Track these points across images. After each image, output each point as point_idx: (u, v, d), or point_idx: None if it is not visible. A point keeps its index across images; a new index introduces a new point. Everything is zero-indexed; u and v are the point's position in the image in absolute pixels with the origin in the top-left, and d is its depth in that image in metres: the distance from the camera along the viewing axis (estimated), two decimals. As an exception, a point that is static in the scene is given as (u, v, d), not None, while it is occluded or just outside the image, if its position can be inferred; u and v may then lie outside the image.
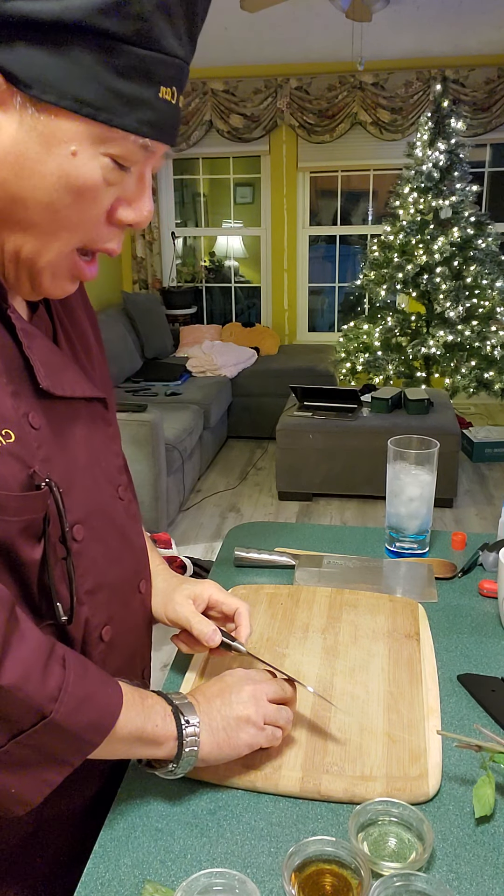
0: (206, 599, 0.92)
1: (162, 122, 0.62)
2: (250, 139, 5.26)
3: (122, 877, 0.68)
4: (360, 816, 0.70)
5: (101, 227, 0.65)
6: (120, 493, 0.83)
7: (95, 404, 0.80)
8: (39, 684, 0.63)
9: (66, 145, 0.59)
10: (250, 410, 4.90)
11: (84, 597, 0.74)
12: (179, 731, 0.73)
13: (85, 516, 0.74)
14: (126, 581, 0.82)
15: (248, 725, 0.76)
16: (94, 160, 0.60)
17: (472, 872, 0.67)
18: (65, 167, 0.60)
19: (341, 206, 5.65)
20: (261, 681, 0.81)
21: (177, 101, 0.63)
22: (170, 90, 0.61)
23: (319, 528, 1.40)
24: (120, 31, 0.56)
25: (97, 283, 5.21)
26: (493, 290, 4.48)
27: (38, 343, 0.71)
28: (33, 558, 0.68)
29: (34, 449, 0.67)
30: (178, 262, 5.83)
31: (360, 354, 4.73)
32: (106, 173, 0.61)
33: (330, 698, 0.88)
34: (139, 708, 0.72)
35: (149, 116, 0.60)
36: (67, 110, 0.58)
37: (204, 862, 0.69)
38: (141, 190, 0.66)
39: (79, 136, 0.59)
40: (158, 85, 0.60)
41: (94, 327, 0.87)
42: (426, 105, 4.90)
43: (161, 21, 0.58)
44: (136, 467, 3.31)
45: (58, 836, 0.81)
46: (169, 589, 0.93)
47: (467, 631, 1.05)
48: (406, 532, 1.27)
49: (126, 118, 0.59)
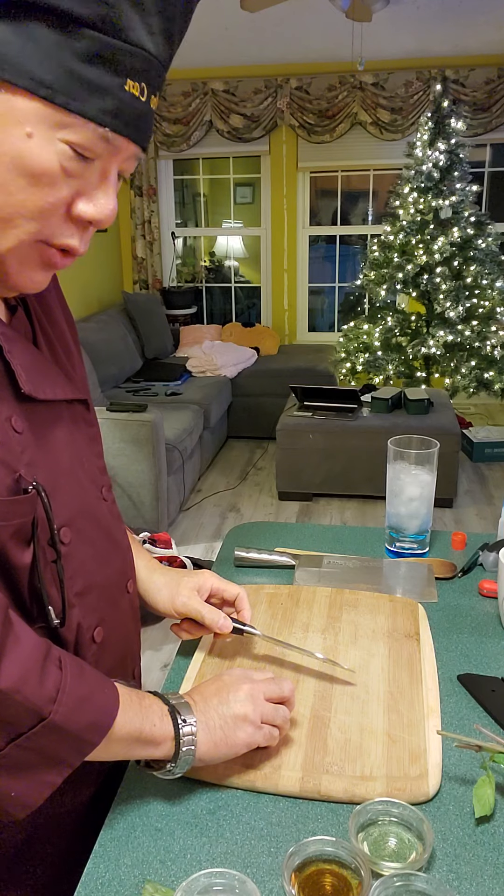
0: (207, 589, 0.96)
1: (126, 115, 0.60)
2: (250, 139, 5.26)
3: (122, 877, 0.68)
4: (360, 816, 0.70)
5: (59, 219, 0.63)
6: (104, 493, 0.83)
7: (77, 406, 0.79)
8: (37, 686, 0.63)
9: (22, 126, 0.57)
10: (250, 410, 4.90)
11: (74, 599, 0.74)
12: (177, 731, 0.73)
13: (71, 518, 0.74)
14: (114, 581, 0.82)
15: (245, 724, 0.76)
16: (51, 144, 0.59)
17: (472, 872, 0.67)
18: (19, 148, 0.58)
19: (341, 206, 5.65)
20: (258, 680, 0.81)
21: (147, 99, 0.61)
22: (138, 85, 0.60)
23: (319, 528, 1.40)
24: (83, 13, 0.55)
25: (97, 283, 5.21)
26: (493, 290, 4.48)
27: (19, 346, 0.70)
28: (23, 562, 0.68)
29: (18, 453, 0.67)
30: (179, 262, 5.83)
31: (360, 354, 4.73)
32: (64, 161, 0.59)
33: (330, 698, 0.88)
34: (136, 708, 0.72)
35: (111, 106, 0.59)
36: (24, 90, 0.56)
37: (204, 862, 0.69)
38: (103, 187, 0.64)
39: (35, 117, 0.57)
40: (124, 77, 0.58)
41: (72, 327, 0.86)
42: (426, 105, 4.90)
43: (129, 10, 0.57)
44: (136, 467, 3.32)
45: (57, 838, 0.81)
46: (172, 583, 0.96)
47: (467, 631, 1.05)
48: (406, 532, 1.27)
49: (86, 105, 0.58)
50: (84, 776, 0.80)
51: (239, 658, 0.97)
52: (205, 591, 0.96)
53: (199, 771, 0.77)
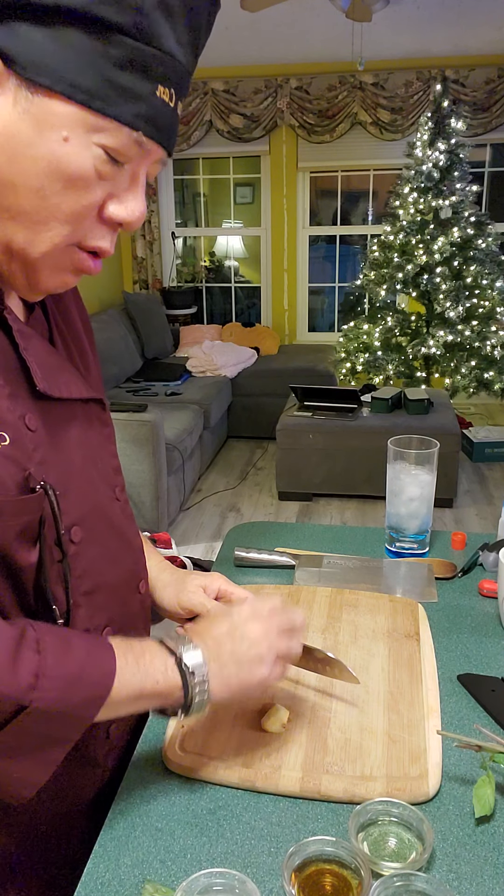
0: (215, 590, 0.94)
1: (157, 121, 0.62)
2: (250, 139, 5.26)
3: (122, 877, 0.68)
4: (361, 816, 0.70)
5: (92, 222, 0.64)
6: (117, 493, 0.82)
7: (92, 405, 0.79)
8: (9, 676, 0.61)
9: (59, 130, 0.59)
10: (250, 410, 4.90)
11: (82, 598, 0.74)
12: (185, 681, 0.71)
13: (82, 517, 0.74)
14: (125, 582, 0.82)
15: (260, 665, 0.75)
16: (87, 149, 0.60)
17: (472, 872, 0.67)
18: (56, 152, 0.59)
19: (341, 206, 5.65)
20: (269, 614, 0.79)
21: (175, 106, 0.63)
22: (167, 91, 0.61)
23: (319, 528, 1.40)
24: (118, 20, 0.57)
25: (97, 282, 5.21)
26: (493, 290, 4.48)
27: (35, 344, 0.70)
28: (29, 562, 0.67)
29: (30, 451, 0.67)
30: (179, 262, 5.83)
31: (360, 354, 4.73)
32: (98, 164, 0.61)
33: (330, 698, 0.88)
34: (135, 668, 0.69)
35: (144, 111, 0.60)
36: (61, 95, 0.58)
37: (204, 862, 0.69)
38: (133, 189, 0.65)
39: (72, 122, 0.59)
40: (156, 82, 0.60)
41: (87, 327, 0.87)
42: (426, 105, 4.90)
43: (160, 19, 0.58)
44: (136, 467, 3.32)
45: (57, 838, 0.80)
46: (179, 580, 0.95)
47: (467, 631, 1.05)
48: (406, 532, 1.27)
49: (121, 109, 0.59)
50: (86, 777, 0.80)
51: None
52: (212, 592, 0.94)
53: (199, 771, 0.77)
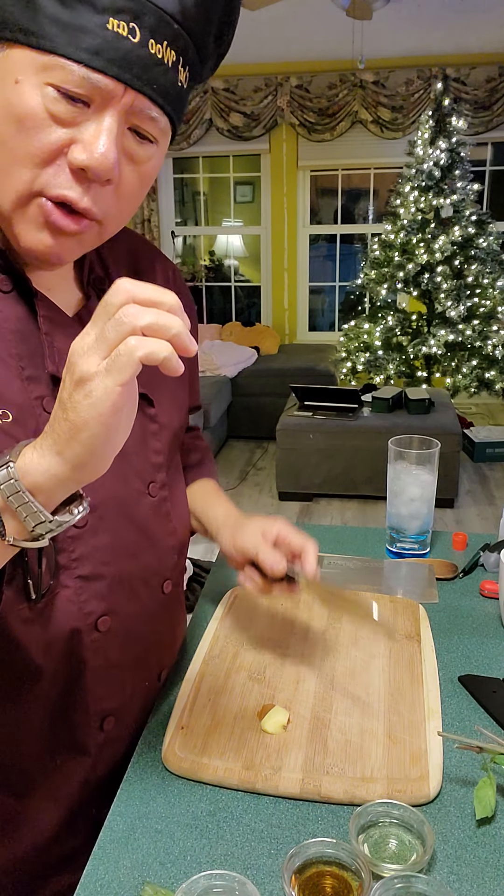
0: (274, 535, 0.90)
1: (109, 53, 0.60)
2: (250, 137, 5.26)
3: (122, 878, 0.67)
4: (361, 818, 0.69)
5: (56, 169, 0.63)
6: (150, 489, 0.82)
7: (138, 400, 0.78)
8: None
9: (12, 75, 0.60)
10: (250, 410, 4.90)
11: (74, 582, 0.73)
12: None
13: (95, 505, 0.73)
14: (140, 577, 0.81)
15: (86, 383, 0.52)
16: (36, 89, 0.60)
17: (472, 874, 0.67)
18: (8, 95, 0.61)
19: (342, 204, 5.64)
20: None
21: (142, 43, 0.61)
22: (125, 25, 0.60)
23: (320, 529, 1.40)
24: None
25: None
26: (494, 290, 4.48)
27: (65, 332, 0.70)
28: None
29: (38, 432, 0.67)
30: (178, 261, 5.82)
31: (361, 354, 4.73)
32: (49, 104, 0.61)
33: (331, 698, 0.88)
34: None
35: (90, 44, 0.59)
36: (12, 42, 0.60)
37: (203, 864, 0.68)
38: (97, 132, 0.62)
39: (23, 65, 0.60)
40: (104, 14, 0.59)
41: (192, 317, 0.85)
42: (427, 103, 4.90)
43: None
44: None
45: (57, 839, 0.80)
46: (237, 522, 0.94)
47: (468, 632, 1.05)
48: (407, 532, 1.26)
49: (64, 44, 0.59)
50: (75, 764, 0.80)
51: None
52: (270, 537, 0.89)
53: (198, 772, 0.77)
